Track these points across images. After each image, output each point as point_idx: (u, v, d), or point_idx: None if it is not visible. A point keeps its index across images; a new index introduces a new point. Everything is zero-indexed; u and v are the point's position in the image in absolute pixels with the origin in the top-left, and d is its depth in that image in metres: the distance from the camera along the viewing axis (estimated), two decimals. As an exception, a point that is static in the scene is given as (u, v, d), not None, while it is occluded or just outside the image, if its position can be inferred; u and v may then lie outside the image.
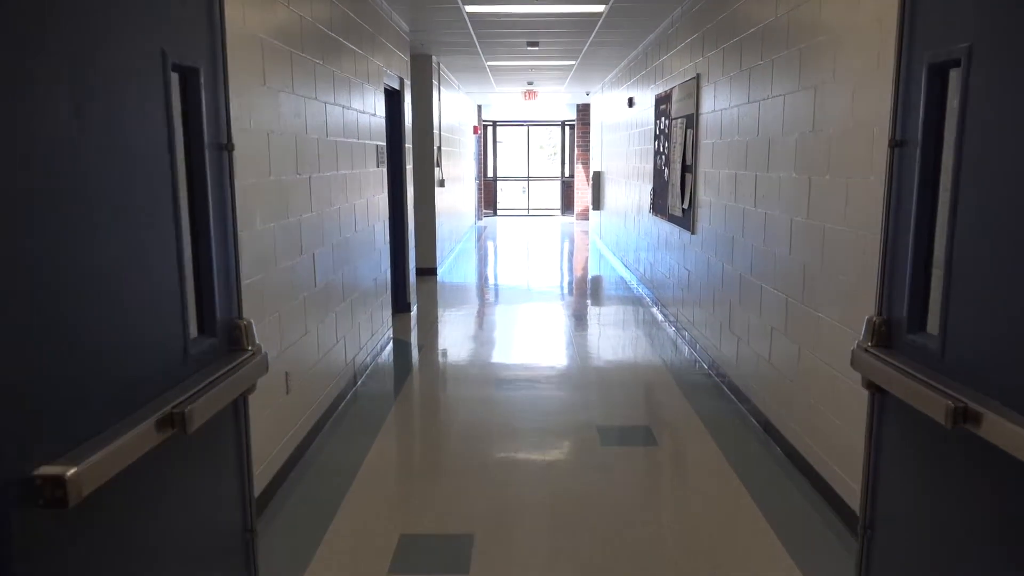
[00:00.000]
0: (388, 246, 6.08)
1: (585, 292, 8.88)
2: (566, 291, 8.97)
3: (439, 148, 9.44)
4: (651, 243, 7.64)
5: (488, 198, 18.38)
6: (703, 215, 5.42)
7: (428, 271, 9.31)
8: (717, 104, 5.03)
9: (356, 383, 4.88)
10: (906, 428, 1.75)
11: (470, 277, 9.87)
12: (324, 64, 4.16)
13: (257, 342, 1.89)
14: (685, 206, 5.89)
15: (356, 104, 4.89)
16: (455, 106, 11.84)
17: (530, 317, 7.23)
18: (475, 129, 15.90)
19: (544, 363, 5.56)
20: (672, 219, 6.42)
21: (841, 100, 3.08)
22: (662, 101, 6.92)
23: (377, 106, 5.58)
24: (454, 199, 11.58)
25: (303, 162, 3.76)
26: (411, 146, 7.22)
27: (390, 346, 5.98)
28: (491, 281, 9.84)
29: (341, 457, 3.77)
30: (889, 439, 1.84)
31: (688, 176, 5.83)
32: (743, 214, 4.42)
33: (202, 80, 1.67)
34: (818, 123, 3.30)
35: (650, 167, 7.54)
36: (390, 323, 6.15)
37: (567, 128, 17.99)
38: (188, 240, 1.65)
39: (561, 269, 11.13)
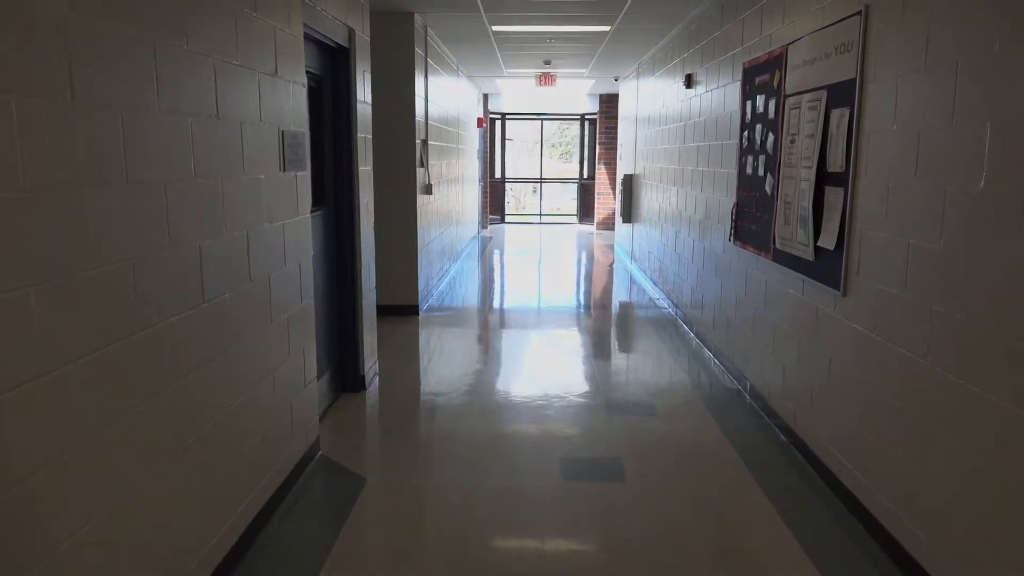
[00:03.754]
0: (312, 299, 3.61)
1: (628, 354, 6.37)
2: (599, 350, 6.44)
3: (424, 142, 6.94)
4: (731, 285, 5.11)
5: (495, 202, 15.85)
6: (876, 265, 2.92)
7: (407, 310, 6.82)
8: (931, 55, 2.53)
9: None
10: None
11: (468, 315, 7.35)
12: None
13: None
14: (826, 244, 3.38)
15: (208, 43, 2.41)
16: (454, 92, 9.34)
17: (548, 411, 4.71)
18: (480, 122, 13.39)
19: (582, 525, 3.07)
20: (786, 260, 3.91)
21: None
22: (759, 71, 4.41)
23: (283, 63, 3.10)
24: (450, 206, 9.09)
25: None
26: (369, 136, 4.73)
27: (313, 475, 3.49)
28: (494, 329, 7.30)
29: None
30: None
31: (832, 192, 3.32)
32: (1059, 293, 1.92)
33: None
34: None
35: (731, 172, 5.03)
36: (315, 434, 3.66)
37: (587, 123, 15.44)
38: None
39: (587, 305, 8.59)
